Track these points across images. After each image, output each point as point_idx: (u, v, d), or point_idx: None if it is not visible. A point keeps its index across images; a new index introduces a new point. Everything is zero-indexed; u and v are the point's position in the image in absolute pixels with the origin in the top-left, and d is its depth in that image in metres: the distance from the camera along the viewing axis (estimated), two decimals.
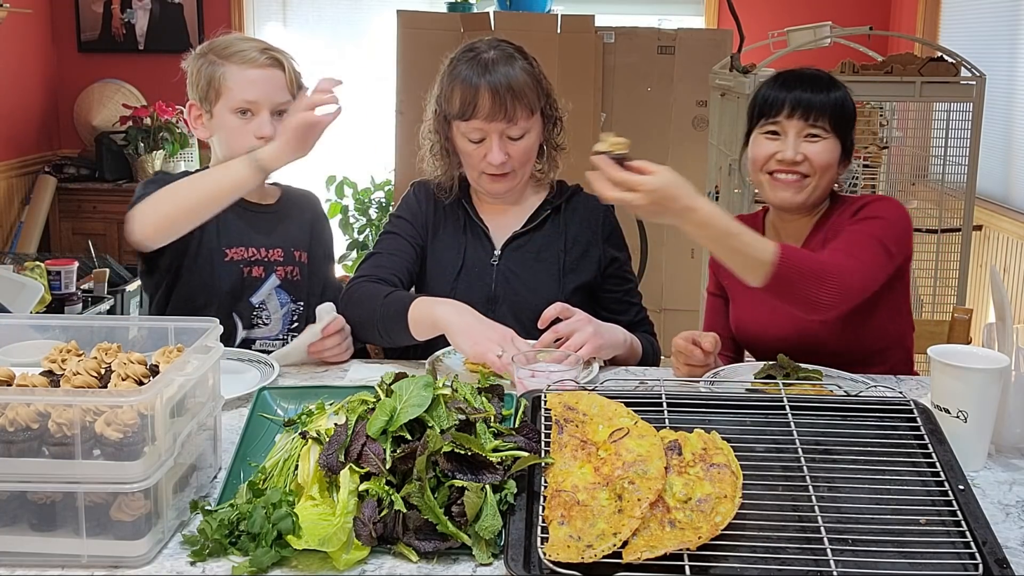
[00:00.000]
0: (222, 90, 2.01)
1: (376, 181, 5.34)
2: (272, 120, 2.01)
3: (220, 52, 2.03)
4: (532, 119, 2.00)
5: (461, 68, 1.98)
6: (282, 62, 2.05)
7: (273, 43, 2.10)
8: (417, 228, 2.13)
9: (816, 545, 1.15)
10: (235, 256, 2.08)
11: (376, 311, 1.94)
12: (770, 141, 1.96)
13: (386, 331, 1.93)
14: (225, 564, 1.17)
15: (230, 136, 2.03)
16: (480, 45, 2.01)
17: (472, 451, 1.23)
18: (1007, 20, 4.39)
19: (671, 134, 4.63)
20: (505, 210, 2.13)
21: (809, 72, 1.99)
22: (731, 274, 1.74)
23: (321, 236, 2.24)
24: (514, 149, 1.99)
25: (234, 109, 2.01)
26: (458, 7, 4.69)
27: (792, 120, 1.93)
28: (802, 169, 1.93)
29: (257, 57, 2.02)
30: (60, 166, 5.54)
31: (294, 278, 2.14)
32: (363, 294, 1.99)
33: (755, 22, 4.31)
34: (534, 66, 2.02)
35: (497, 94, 1.93)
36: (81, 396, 1.14)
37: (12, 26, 5.14)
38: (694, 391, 1.50)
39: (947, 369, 1.46)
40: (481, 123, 1.96)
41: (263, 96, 2.01)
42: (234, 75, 2.01)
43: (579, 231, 2.12)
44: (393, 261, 2.08)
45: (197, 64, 2.06)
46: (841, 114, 1.94)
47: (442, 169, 2.10)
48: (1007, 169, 4.37)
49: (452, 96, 1.98)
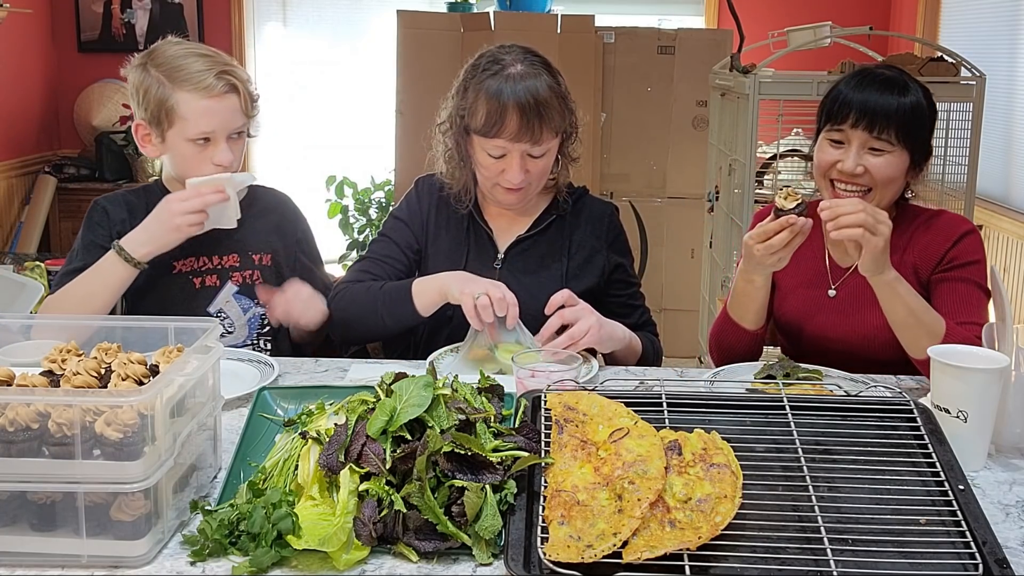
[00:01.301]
0: (175, 119, 1.95)
1: (376, 181, 5.34)
2: (228, 145, 1.98)
3: (170, 74, 1.95)
4: (555, 139, 1.98)
5: (487, 81, 1.92)
6: (236, 86, 1.98)
7: (225, 55, 2.04)
8: (413, 230, 2.12)
9: (816, 545, 1.15)
10: (183, 268, 2.05)
11: (376, 298, 1.98)
12: (834, 148, 1.92)
13: (390, 314, 1.97)
14: (225, 564, 1.17)
15: (186, 163, 1.99)
16: (505, 57, 1.95)
17: (472, 451, 1.23)
18: (1007, 20, 4.39)
19: (671, 134, 4.64)
20: (511, 215, 2.12)
21: (883, 74, 1.92)
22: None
23: (292, 235, 2.19)
24: (534, 166, 1.97)
25: (190, 139, 1.96)
26: (458, 7, 4.70)
27: (856, 131, 1.88)
28: (863, 182, 1.90)
29: (214, 85, 1.94)
30: (60, 166, 5.54)
31: (255, 282, 2.10)
32: (356, 292, 2.02)
33: (755, 22, 4.31)
34: (560, 83, 1.99)
35: (524, 115, 1.89)
36: (81, 396, 1.14)
37: (12, 26, 5.14)
38: (694, 391, 1.50)
39: (947, 369, 1.46)
40: (505, 142, 1.92)
41: (219, 126, 1.96)
42: (188, 104, 1.94)
43: (584, 236, 2.11)
44: (382, 269, 2.08)
45: (142, 78, 1.97)
46: (911, 123, 1.88)
47: (458, 179, 2.07)
48: (1007, 169, 4.38)
49: (476, 110, 1.93)
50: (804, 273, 2.03)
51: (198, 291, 2.05)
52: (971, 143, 3.08)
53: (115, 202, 2.07)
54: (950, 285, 1.91)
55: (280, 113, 5.88)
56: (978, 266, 1.93)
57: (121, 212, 2.05)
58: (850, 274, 2.01)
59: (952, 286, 1.91)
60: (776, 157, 3.31)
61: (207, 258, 2.07)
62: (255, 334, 2.10)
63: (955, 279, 1.91)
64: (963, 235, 1.95)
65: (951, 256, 1.93)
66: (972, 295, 1.90)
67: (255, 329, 2.10)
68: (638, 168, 4.67)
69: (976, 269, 1.92)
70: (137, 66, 1.99)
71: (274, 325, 2.08)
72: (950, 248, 1.93)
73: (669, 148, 4.65)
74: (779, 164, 3.36)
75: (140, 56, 2.01)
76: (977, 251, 1.95)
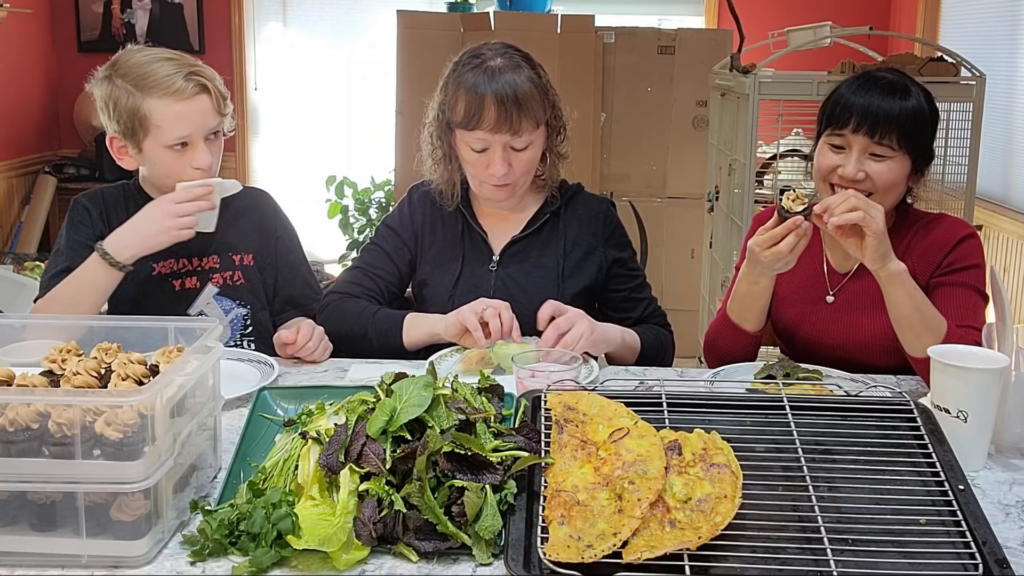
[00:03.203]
0: (150, 127, 1.91)
1: (376, 181, 5.34)
2: (206, 146, 1.96)
3: (138, 82, 1.91)
4: (537, 131, 1.97)
5: (467, 75, 1.94)
6: (207, 86, 1.95)
7: (194, 59, 2.01)
8: (405, 240, 2.12)
9: (816, 545, 1.15)
10: (163, 270, 2.04)
11: (367, 323, 2.00)
12: (834, 153, 1.91)
13: (379, 341, 1.99)
14: (225, 564, 1.17)
15: (166, 169, 1.96)
16: (486, 51, 1.97)
17: (472, 451, 1.23)
18: (1007, 20, 4.39)
19: (671, 134, 4.64)
20: (504, 215, 2.11)
21: (884, 77, 1.91)
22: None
23: (272, 232, 2.17)
24: (517, 160, 1.97)
25: (167, 146, 1.93)
26: (458, 7, 4.69)
27: (857, 136, 1.87)
28: (864, 187, 1.88)
29: (184, 88, 1.91)
30: (60, 166, 5.54)
31: (236, 283, 2.09)
32: (347, 309, 2.04)
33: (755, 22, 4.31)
34: (541, 75, 1.99)
35: (503, 105, 1.90)
36: (81, 396, 1.14)
37: (12, 26, 5.14)
38: (694, 391, 1.50)
39: (947, 369, 1.46)
40: (485, 134, 1.92)
41: (195, 129, 1.93)
42: (160, 110, 1.90)
43: (579, 234, 2.10)
44: (373, 282, 2.10)
45: (109, 91, 1.93)
46: (913, 127, 1.86)
47: (443, 176, 2.08)
48: (1007, 169, 4.38)
49: (456, 104, 1.95)
50: (802, 279, 2.03)
51: (178, 293, 2.04)
52: (971, 143, 3.07)
53: (94, 199, 2.06)
54: (949, 289, 1.90)
55: (280, 113, 5.88)
56: (978, 270, 1.92)
57: (101, 210, 2.04)
58: (848, 280, 2.01)
59: (951, 290, 1.90)
60: (776, 157, 3.30)
61: (187, 260, 2.06)
62: (238, 335, 2.10)
63: (954, 283, 1.91)
64: (963, 239, 1.94)
65: (950, 260, 1.93)
66: (971, 299, 1.89)
67: (238, 330, 2.10)
68: (638, 168, 4.67)
69: (975, 273, 1.92)
70: (102, 79, 1.95)
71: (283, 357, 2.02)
72: (949, 252, 1.93)
73: (669, 148, 4.65)
74: (779, 164, 3.36)
75: (103, 69, 1.96)
76: (977, 255, 1.94)
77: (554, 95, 2.01)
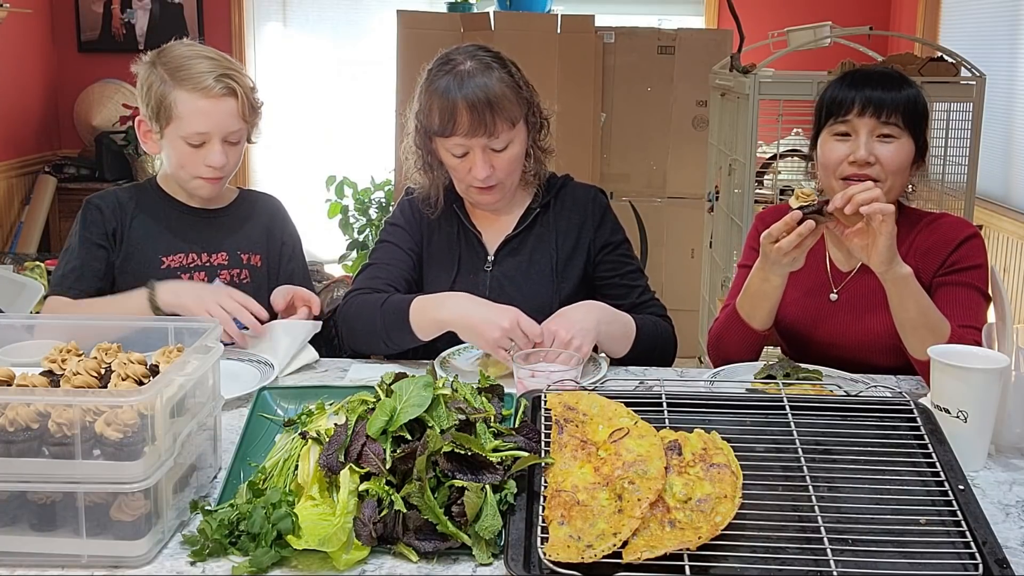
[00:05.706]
0: (173, 116, 1.98)
1: (376, 181, 5.34)
2: (223, 148, 2.00)
3: (173, 72, 1.98)
4: (514, 129, 1.95)
5: (439, 82, 1.93)
6: (236, 90, 2.00)
7: (230, 58, 2.06)
8: (412, 234, 2.11)
9: (816, 545, 1.15)
10: (172, 263, 2.06)
11: (376, 322, 1.93)
12: (841, 143, 1.91)
13: (389, 338, 1.93)
14: (225, 564, 1.17)
15: (181, 161, 2.02)
16: (456, 56, 1.96)
17: (472, 451, 1.23)
18: (1007, 20, 4.39)
19: (671, 134, 4.64)
20: (496, 215, 2.11)
21: (878, 70, 1.95)
22: None
23: (279, 237, 2.21)
24: (499, 161, 1.95)
25: (185, 138, 1.99)
26: (458, 7, 4.70)
27: (863, 118, 1.88)
28: (872, 172, 1.88)
29: (212, 86, 1.97)
30: (60, 166, 5.53)
31: (242, 281, 2.11)
32: (359, 306, 1.98)
33: (755, 22, 4.31)
34: (513, 74, 1.97)
35: (475, 109, 1.88)
36: (81, 396, 1.14)
37: (12, 26, 5.14)
38: (694, 391, 1.50)
39: (947, 369, 1.46)
40: (462, 139, 1.92)
41: (215, 128, 1.98)
42: (185, 103, 1.96)
43: (569, 224, 2.09)
44: (389, 272, 2.06)
45: (148, 75, 2.01)
46: (914, 111, 1.90)
47: (427, 184, 2.07)
48: (1007, 169, 4.38)
49: (431, 112, 1.94)
50: (805, 278, 2.03)
51: None
52: (971, 143, 3.07)
53: (107, 199, 2.10)
54: (951, 288, 1.90)
55: (280, 113, 5.88)
56: (980, 270, 1.92)
57: (113, 209, 2.08)
58: (851, 279, 2.01)
59: (953, 290, 1.90)
60: (776, 157, 3.31)
61: (196, 254, 2.09)
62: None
63: (956, 283, 1.91)
64: (965, 239, 1.94)
65: (953, 260, 1.93)
66: (973, 299, 1.89)
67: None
68: (638, 168, 4.67)
69: (978, 273, 1.92)
70: (147, 63, 2.04)
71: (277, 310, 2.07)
72: (952, 252, 1.93)
73: (669, 148, 4.65)
74: (779, 164, 3.37)
75: (151, 54, 2.05)
76: (980, 255, 1.94)
77: (529, 92, 2.00)
